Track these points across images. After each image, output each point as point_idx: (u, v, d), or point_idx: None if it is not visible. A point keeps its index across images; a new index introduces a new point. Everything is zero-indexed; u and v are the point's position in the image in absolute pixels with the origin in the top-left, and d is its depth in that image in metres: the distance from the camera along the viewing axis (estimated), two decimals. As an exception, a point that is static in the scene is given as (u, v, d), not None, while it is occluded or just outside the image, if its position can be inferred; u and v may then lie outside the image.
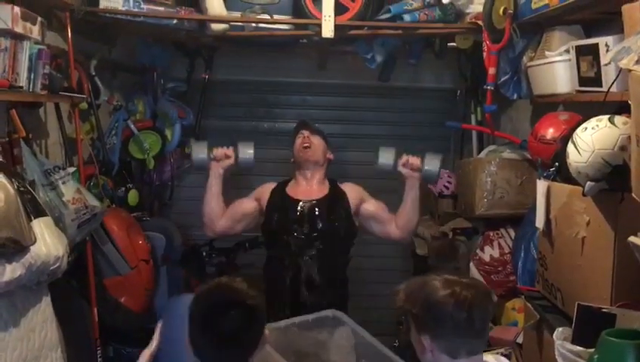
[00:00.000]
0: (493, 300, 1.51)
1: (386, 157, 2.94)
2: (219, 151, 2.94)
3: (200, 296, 1.74)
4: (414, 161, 2.87)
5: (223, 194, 2.96)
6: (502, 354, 2.78)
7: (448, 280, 1.51)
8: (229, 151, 2.95)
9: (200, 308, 1.69)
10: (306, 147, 2.96)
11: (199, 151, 2.97)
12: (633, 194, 1.42)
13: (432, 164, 2.89)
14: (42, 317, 2.27)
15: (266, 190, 3.01)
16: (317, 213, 2.87)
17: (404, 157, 2.89)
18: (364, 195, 3.00)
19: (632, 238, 1.24)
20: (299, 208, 2.88)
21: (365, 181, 3.22)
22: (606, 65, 1.98)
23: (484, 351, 1.61)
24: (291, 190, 2.97)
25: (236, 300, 1.68)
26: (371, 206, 2.97)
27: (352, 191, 2.99)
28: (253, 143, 3.01)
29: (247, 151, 2.97)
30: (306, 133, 3.00)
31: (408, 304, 1.52)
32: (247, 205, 3.01)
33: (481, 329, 1.50)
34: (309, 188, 2.96)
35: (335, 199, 2.94)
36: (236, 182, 3.77)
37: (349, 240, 3.00)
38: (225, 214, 2.96)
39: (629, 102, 1.39)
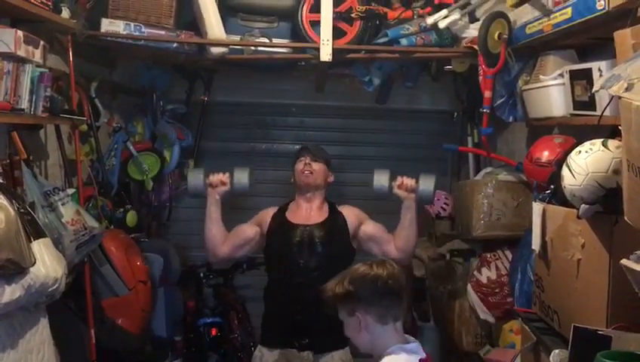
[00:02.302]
0: (401, 272, 1.90)
1: (380, 180, 2.97)
2: (215, 178, 2.97)
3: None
4: (409, 182, 2.90)
5: (222, 218, 2.98)
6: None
7: (364, 262, 1.94)
8: (225, 177, 2.98)
9: None
10: (307, 173, 2.98)
11: (195, 179, 3.02)
12: (625, 218, 1.44)
13: (427, 184, 2.92)
14: (40, 339, 2.26)
15: (267, 215, 3.02)
16: (316, 238, 2.88)
17: (399, 179, 2.92)
18: (362, 217, 3.01)
19: (624, 261, 1.25)
20: (298, 233, 2.89)
21: (363, 202, 3.23)
22: (596, 91, 2.02)
23: None
24: (291, 214, 2.98)
25: None
26: (370, 228, 2.98)
27: (350, 214, 3.00)
28: (249, 170, 3.06)
29: (241, 178, 3.02)
30: (307, 158, 3.01)
31: (338, 287, 1.86)
32: (249, 231, 3.02)
33: (398, 292, 1.85)
34: (308, 213, 2.97)
35: (334, 223, 2.95)
36: (236, 203, 3.80)
37: (347, 263, 3.00)
38: (227, 240, 2.98)
39: (620, 127, 1.42)
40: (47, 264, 2.15)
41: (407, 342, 1.86)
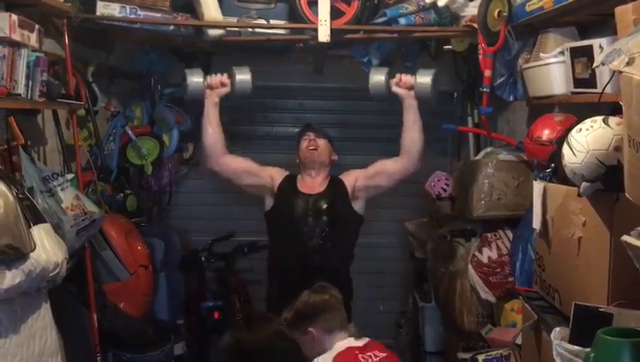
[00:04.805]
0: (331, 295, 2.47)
1: (377, 78, 2.93)
2: (214, 79, 2.92)
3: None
4: (407, 78, 2.91)
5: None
6: (501, 355, 2.80)
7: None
8: (225, 78, 2.93)
9: None
10: (312, 149, 2.99)
11: (194, 79, 2.88)
12: (626, 194, 1.43)
13: (424, 77, 2.88)
14: (42, 324, 2.27)
15: (281, 173, 3.07)
16: (320, 206, 2.92)
17: (397, 76, 2.92)
18: (357, 173, 3.07)
19: (625, 237, 1.25)
20: (303, 202, 2.93)
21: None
22: (596, 67, 1.99)
23: None
24: (299, 183, 3.05)
25: None
26: (367, 171, 3.04)
27: (347, 176, 3.07)
28: (249, 68, 2.96)
29: (244, 76, 2.90)
30: (311, 135, 3.03)
31: (292, 317, 2.40)
32: (261, 171, 3.08)
33: (336, 307, 2.44)
34: (312, 185, 3.04)
35: (335, 191, 3.00)
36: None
37: (354, 229, 3.04)
38: (236, 158, 3.05)
39: (621, 103, 1.41)
40: (47, 249, 2.15)
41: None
